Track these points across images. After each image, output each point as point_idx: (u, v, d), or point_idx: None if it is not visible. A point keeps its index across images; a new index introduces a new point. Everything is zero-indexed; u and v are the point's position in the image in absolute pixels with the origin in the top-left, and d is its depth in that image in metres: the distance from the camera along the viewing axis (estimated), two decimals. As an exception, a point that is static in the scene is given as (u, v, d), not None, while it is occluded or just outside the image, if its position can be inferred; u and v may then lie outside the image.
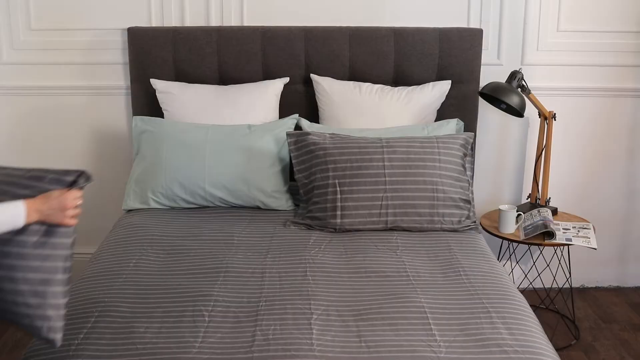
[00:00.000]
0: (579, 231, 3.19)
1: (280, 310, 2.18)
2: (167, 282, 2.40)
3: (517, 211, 3.23)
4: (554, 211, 3.40)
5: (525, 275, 3.60)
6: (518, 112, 3.20)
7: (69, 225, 1.93)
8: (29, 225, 1.87)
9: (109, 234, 2.91)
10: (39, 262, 1.88)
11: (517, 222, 3.22)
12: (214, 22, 3.43)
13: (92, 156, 3.35)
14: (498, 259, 3.34)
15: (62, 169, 1.98)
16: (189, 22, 3.42)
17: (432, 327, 2.10)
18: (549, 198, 3.43)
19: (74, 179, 1.95)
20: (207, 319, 2.14)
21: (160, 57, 3.28)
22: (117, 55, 3.43)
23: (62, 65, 3.43)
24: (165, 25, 3.38)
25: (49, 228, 1.90)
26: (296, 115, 3.20)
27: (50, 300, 1.89)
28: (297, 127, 3.18)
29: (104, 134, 3.51)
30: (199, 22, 3.43)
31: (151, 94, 3.26)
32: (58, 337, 1.91)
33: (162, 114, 3.23)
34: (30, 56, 3.44)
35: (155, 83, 3.24)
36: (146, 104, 3.31)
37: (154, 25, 3.38)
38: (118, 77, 3.47)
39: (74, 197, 1.93)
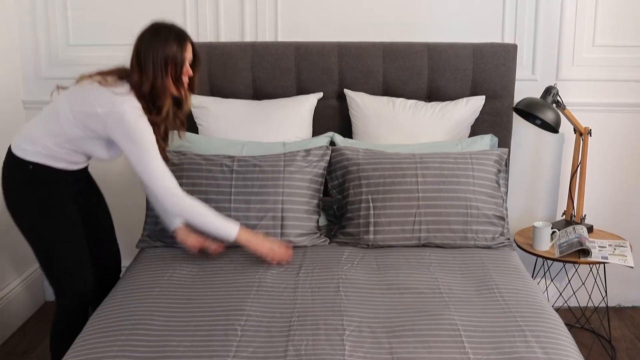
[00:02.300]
0: (615, 249, 3.15)
1: (313, 325, 2.18)
2: (200, 297, 2.41)
3: (551, 228, 3.19)
4: (590, 228, 3.36)
5: (560, 294, 3.55)
6: (553, 128, 3.17)
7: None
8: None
9: (143, 249, 2.94)
10: None
11: (552, 239, 3.19)
12: (249, 38, 3.46)
13: (122, 174, 3.35)
14: (532, 277, 3.31)
15: None
16: (224, 38, 3.47)
17: (465, 344, 2.08)
18: (585, 215, 3.39)
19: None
20: (239, 332, 2.14)
21: (195, 73, 3.31)
22: (153, 71, 3.47)
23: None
24: (200, 41, 3.42)
25: None
26: (331, 133, 3.20)
27: None
28: (331, 142, 3.18)
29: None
30: (234, 37, 3.47)
31: (186, 108, 3.29)
32: None
33: (197, 128, 3.26)
34: (68, 71, 3.48)
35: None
36: (181, 118, 3.33)
37: (189, 40, 3.42)
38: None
39: (286, 257, 2.68)
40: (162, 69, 2.45)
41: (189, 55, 2.54)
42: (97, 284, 2.65)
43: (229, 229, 2.59)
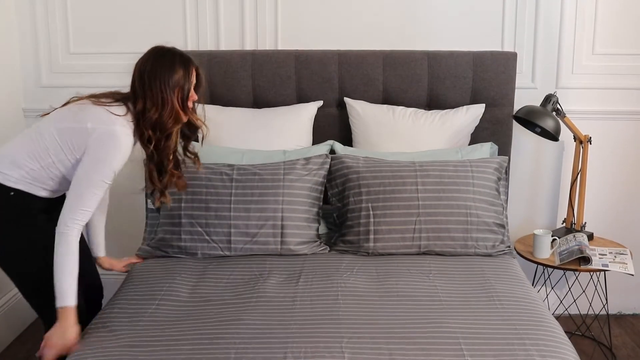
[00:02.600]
0: (615, 257, 3.14)
1: (312, 333, 2.18)
2: (198, 308, 2.41)
3: (552, 236, 3.19)
4: (590, 236, 3.35)
5: (561, 301, 3.55)
6: (553, 136, 3.17)
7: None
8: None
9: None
10: None
11: (552, 247, 3.19)
12: (249, 46, 3.47)
13: (125, 177, 3.36)
14: (533, 285, 3.31)
15: None
16: (224, 46, 3.47)
17: (465, 352, 2.07)
18: (585, 223, 3.39)
19: None
20: (237, 340, 2.14)
21: (196, 81, 3.31)
22: (153, 79, 3.48)
23: (99, 88, 3.47)
24: (200, 49, 3.43)
25: None
26: (331, 141, 3.20)
27: None
28: (331, 150, 3.18)
29: (138, 156, 3.53)
30: (234, 46, 3.47)
31: (186, 116, 3.29)
32: None
33: (197, 137, 3.25)
34: (68, 79, 3.51)
35: (190, 106, 3.27)
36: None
37: (190, 49, 3.43)
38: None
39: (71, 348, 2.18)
40: (169, 95, 2.37)
41: (194, 79, 2.47)
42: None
43: (63, 297, 2.22)
